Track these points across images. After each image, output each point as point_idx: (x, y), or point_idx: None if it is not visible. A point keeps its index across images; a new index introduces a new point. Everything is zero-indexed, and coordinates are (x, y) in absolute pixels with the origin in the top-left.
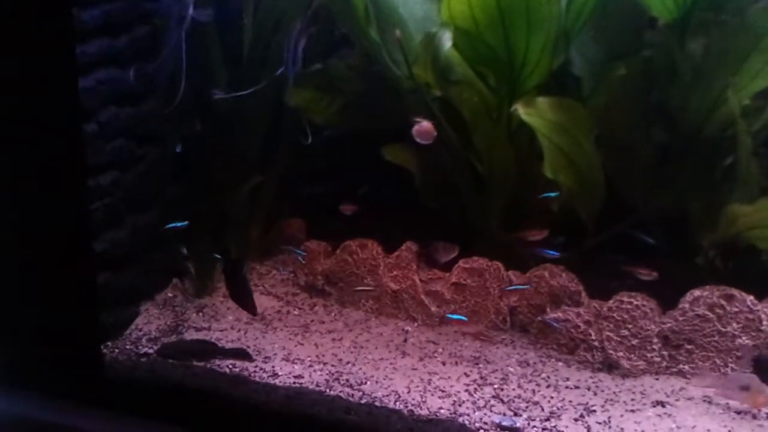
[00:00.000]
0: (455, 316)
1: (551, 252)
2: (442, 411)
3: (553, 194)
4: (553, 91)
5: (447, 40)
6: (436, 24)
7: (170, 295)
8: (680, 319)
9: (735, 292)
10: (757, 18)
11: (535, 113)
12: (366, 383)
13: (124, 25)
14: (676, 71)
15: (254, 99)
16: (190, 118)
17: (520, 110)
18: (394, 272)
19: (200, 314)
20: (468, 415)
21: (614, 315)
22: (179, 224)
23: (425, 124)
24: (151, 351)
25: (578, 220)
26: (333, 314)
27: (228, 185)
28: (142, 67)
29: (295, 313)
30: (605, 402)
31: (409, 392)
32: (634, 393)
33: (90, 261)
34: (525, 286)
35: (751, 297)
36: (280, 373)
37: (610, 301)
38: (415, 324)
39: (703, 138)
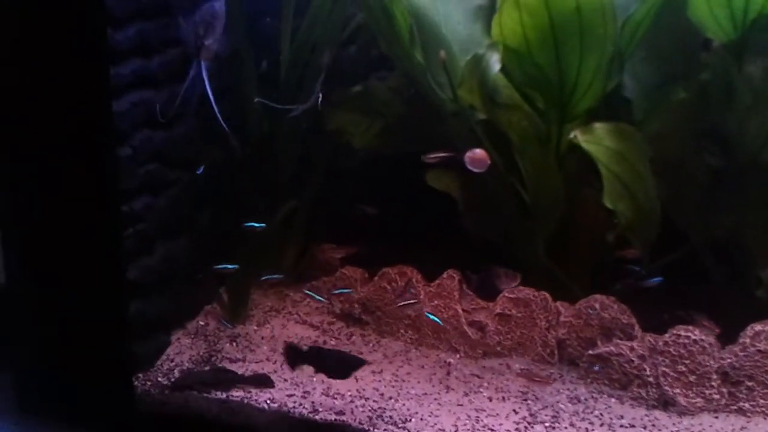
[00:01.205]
0: (432, 317)
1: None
2: None
3: None
4: (603, 114)
5: (495, 63)
6: (480, 45)
7: (202, 323)
8: (740, 354)
9: None
10: None
11: (593, 140)
12: (411, 420)
13: (158, 46)
14: (734, 94)
15: (289, 122)
16: (223, 141)
17: (579, 138)
18: (435, 301)
19: (234, 344)
20: None
21: (670, 350)
22: (257, 225)
23: (479, 152)
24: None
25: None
26: (371, 344)
27: (262, 210)
28: (174, 89)
29: (332, 343)
30: None
31: (456, 431)
32: None
33: (122, 290)
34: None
35: None
36: (320, 409)
37: (666, 335)
38: (458, 356)
39: (762, 163)
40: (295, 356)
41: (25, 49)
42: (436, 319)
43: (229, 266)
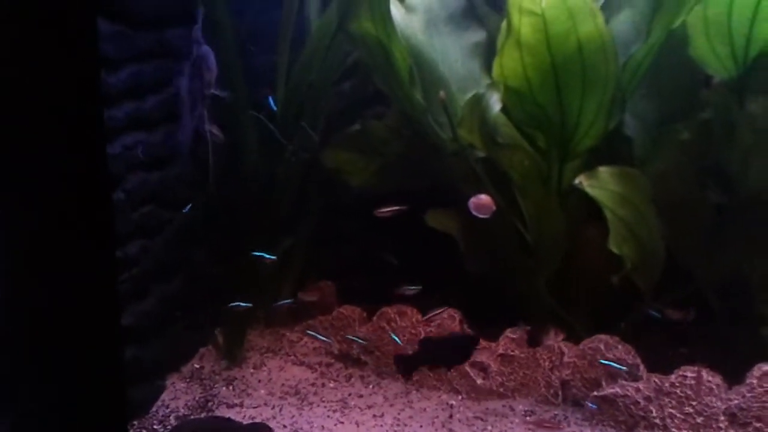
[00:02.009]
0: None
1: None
2: None
3: None
4: (604, 151)
5: (496, 102)
6: (479, 82)
7: (197, 366)
8: (748, 395)
9: None
10: None
11: (598, 185)
12: None
13: (152, 87)
14: (735, 132)
15: (286, 160)
16: (217, 180)
17: (584, 183)
18: None
19: (230, 387)
20: None
21: (677, 391)
22: (266, 255)
23: (484, 198)
24: None
25: (633, 287)
26: (371, 386)
27: (258, 248)
28: (168, 130)
29: (331, 386)
30: None
31: None
32: None
33: (117, 337)
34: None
35: None
36: None
37: (672, 376)
38: (460, 397)
39: (765, 201)
40: (407, 365)
41: (17, 94)
42: (396, 338)
43: (242, 304)
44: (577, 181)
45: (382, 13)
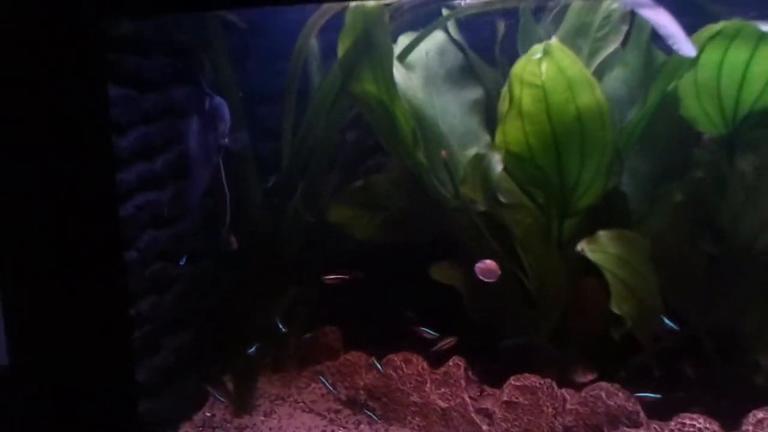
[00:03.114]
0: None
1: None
2: None
3: None
4: (601, 207)
5: (497, 163)
6: (478, 138)
7: (208, 414)
8: None
9: None
10: None
11: (598, 249)
12: None
13: (161, 147)
14: (726, 188)
15: (291, 212)
16: (225, 232)
17: (585, 248)
18: (442, 389)
19: None
20: None
21: None
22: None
23: (489, 263)
24: None
25: (633, 337)
26: None
27: (265, 298)
28: (178, 187)
29: None
30: None
31: None
32: None
33: (131, 393)
34: None
35: None
36: None
37: (672, 423)
38: None
39: (756, 253)
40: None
41: (32, 160)
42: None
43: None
44: (579, 247)
45: (385, 77)
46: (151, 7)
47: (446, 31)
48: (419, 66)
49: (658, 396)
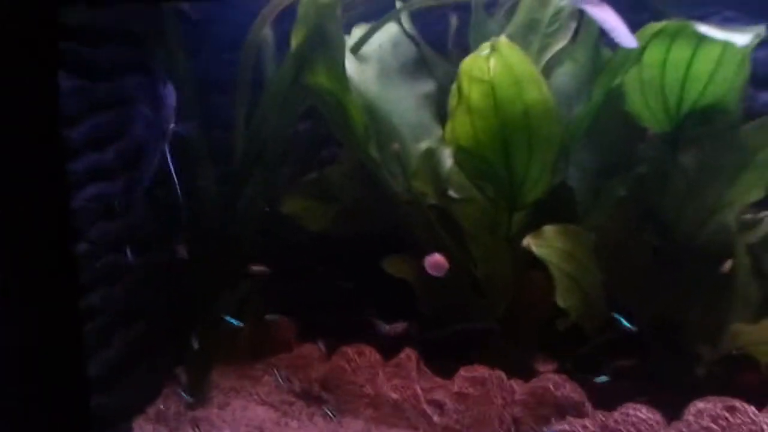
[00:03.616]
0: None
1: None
2: None
3: None
4: (548, 201)
5: (447, 158)
6: (430, 131)
7: (162, 407)
8: (685, 431)
9: (737, 403)
10: (751, 136)
11: (545, 244)
12: None
13: (112, 137)
14: (670, 183)
15: (245, 203)
16: (178, 223)
17: (531, 243)
18: (394, 381)
19: (196, 429)
20: None
21: (620, 427)
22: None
23: (437, 257)
24: None
25: (579, 329)
26: (332, 424)
27: (217, 289)
28: (129, 178)
29: (294, 425)
30: None
31: None
32: None
33: (82, 387)
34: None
35: (753, 408)
36: None
37: (616, 413)
38: None
39: (697, 246)
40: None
41: None
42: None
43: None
44: (525, 242)
45: (337, 70)
46: None
47: (400, 23)
48: (373, 58)
49: (608, 378)
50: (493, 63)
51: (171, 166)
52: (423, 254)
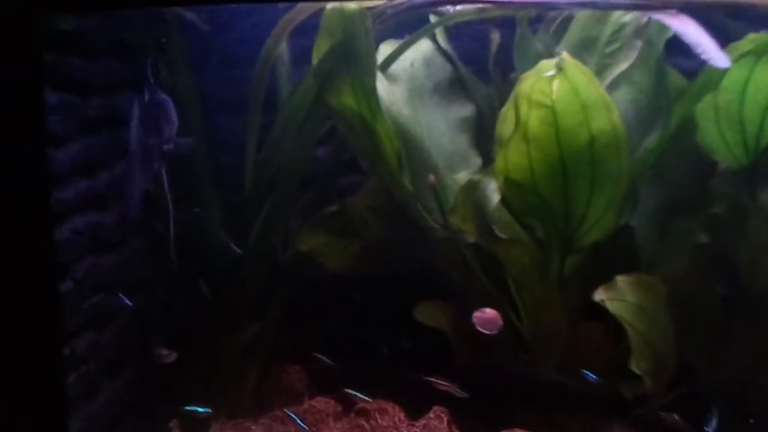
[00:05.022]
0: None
1: None
2: None
3: None
4: (606, 241)
5: (493, 192)
6: (466, 159)
7: None
8: None
9: None
10: None
11: (617, 297)
12: None
13: (105, 161)
14: (747, 226)
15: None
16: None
17: (603, 296)
18: None
19: None
20: None
21: None
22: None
23: (489, 313)
24: None
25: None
26: None
27: (222, 334)
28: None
29: None
30: None
31: None
32: None
33: None
34: None
35: None
36: None
37: None
38: None
39: None
40: None
41: None
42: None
43: (200, 409)
44: (597, 296)
45: (366, 90)
46: (99, 2)
47: (433, 40)
48: (403, 78)
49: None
50: (557, 85)
51: (168, 195)
52: (458, 301)
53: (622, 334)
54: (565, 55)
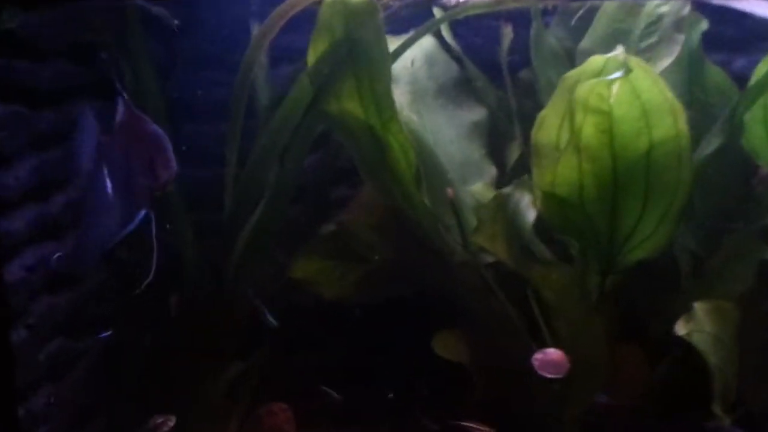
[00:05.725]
0: None
1: None
2: None
3: None
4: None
5: (528, 207)
6: (480, 170)
7: None
8: None
9: None
10: None
11: (696, 328)
12: None
13: (60, 182)
14: None
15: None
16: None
17: (683, 328)
18: None
19: None
20: None
21: None
22: None
23: (553, 353)
24: None
25: None
26: None
27: (202, 376)
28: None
29: None
30: None
31: None
32: None
33: None
34: None
35: None
36: None
37: None
38: None
39: None
40: None
41: None
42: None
43: None
44: (678, 330)
45: (376, 94)
46: None
47: (437, 36)
48: (402, 79)
49: None
50: (617, 88)
51: (153, 239)
52: (479, 330)
53: (661, 357)
54: (621, 50)
